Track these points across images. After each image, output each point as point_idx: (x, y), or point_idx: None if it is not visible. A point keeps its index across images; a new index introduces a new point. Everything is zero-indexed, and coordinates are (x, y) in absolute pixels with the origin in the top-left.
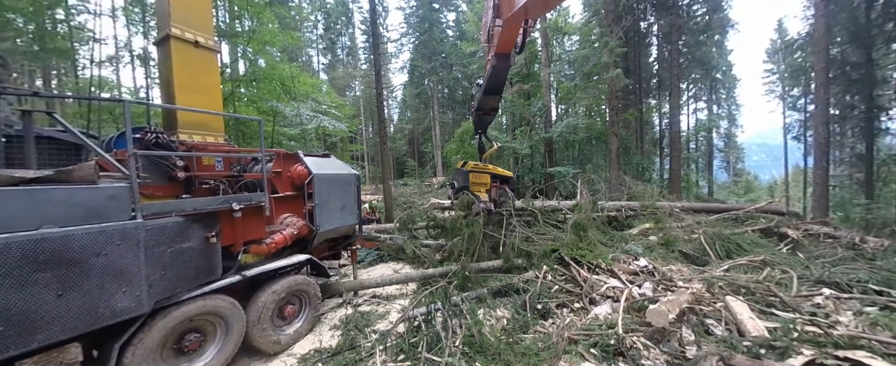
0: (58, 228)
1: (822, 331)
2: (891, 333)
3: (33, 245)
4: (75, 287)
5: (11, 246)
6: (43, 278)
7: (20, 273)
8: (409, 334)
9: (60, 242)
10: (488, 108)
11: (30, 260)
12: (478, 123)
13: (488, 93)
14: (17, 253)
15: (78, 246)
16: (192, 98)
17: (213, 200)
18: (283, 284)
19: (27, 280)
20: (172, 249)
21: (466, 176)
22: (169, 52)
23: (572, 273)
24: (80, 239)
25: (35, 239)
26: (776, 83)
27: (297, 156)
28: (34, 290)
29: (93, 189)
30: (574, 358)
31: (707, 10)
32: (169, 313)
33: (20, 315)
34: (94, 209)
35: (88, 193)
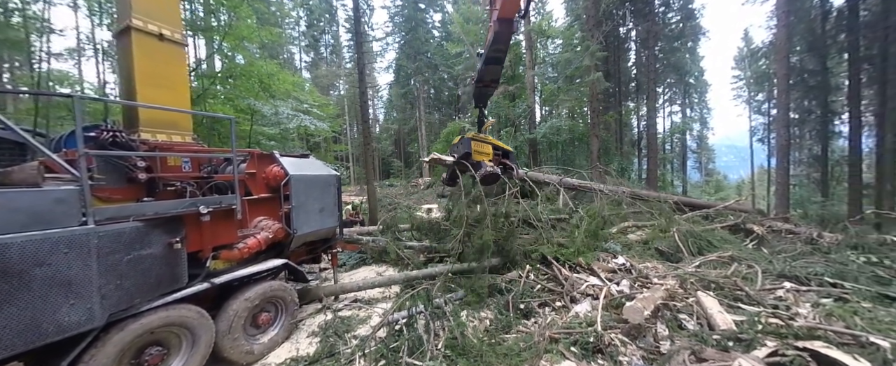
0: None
1: (783, 323)
2: (844, 323)
3: None
4: (13, 301)
5: None
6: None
7: None
8: (391, 338)
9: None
10: (489, 79)
11: None
12: (478, 95)
13: (489, 62)
14: None
15: (17, 255)
16: (156, 94)
17: (177, 204)
18: (256, 290)
19: None
20: (130, 257)
21: (469, 143)
22: (129, 44)
23: (554, 272)
24: (20, 248)
25: None
26: (743, 88)
27: (272, 156)
28: None
29: (36, 193)
30: (555, 357)
31: (681, 17)
32: (126, 326)
33: None
34: (38, 214)
35: (31, 197)
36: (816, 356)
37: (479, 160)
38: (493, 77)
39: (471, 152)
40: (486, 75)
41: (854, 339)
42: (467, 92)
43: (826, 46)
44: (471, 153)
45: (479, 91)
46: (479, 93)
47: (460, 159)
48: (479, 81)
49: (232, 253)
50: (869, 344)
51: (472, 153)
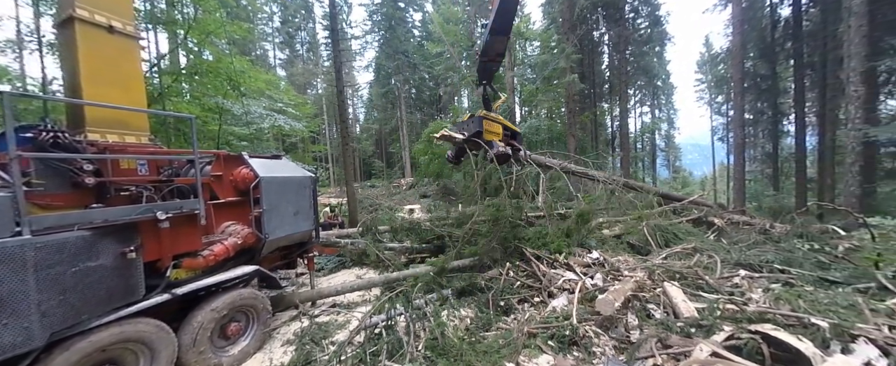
0: None
1: (738, 308)
2: (790, 306)
3: None
4: None
5: None
6: None
7: None
8: (370, 342)
9: None
10: (494, 52)
11: None
12: (482, 71)
13: (495, 33)
14: None
15: None
16: (106, 92)
17: (130, 210)
18: (224, 300)
19: None
20: (75, 270)
21: (480, 122)
22: (73, 36)
23: (533, 268)
24: None
25: None
26: (705, 91)
27: (240, 158)
28: None
29: None
30: (533, 351)
31: (649, 23)
32: (72, 345)
33: None
34: None
35: None
36: (767, 338)
37: (489, 139)
38: (498, 50)
39: (482, 131)
40: (491, 48)
41: (798, 320)
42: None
43: (775, 53)
44: (482, 132)
45: (483, 66)
46: (484, 67)
47: (471, 137)
48: (484, 55)
49: (196, 261)
50: (810, 325)
51: (484, 132)
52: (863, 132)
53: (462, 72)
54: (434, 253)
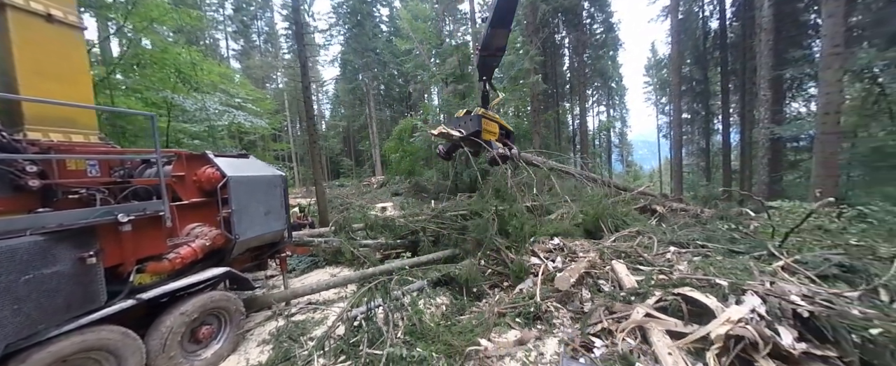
0: None
1: (667, 277)
2: (703, 272)
3: None
4: None
5: None
6: None
7: None
8: (350, 334)
9: None
10: (495, 47)
11: None
12: (482, 66)
13: (496, 26)
14: None
15: None
16: (47, 86)
17: (88, 213)
18: (194, 303)
19: None
20: (28, 278)
21: (479, 121)
22: (5, 25)
23: (502, 257)
24: None
25: None
26: (651, 92)
27: (204, 157)
28: None
29: None
30: (502, 328)
31: (603, 29)
32: (29, 356)
33: None
34: None
35: None
36: (685, 298)
37: (488, 139)
38: (499, 44)
39: (481, 130)
40: (492, 42)
41: (708, 282)
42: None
43: (707, 60)
44: (481, 131)
45: (483, 61)
46: (484, 63)
47: (470, 137)
48: (484, 50)
49: (161, 265)
50: (716, 284)
51: (483, 131)
52: (769, 130)
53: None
54: (408, 248)
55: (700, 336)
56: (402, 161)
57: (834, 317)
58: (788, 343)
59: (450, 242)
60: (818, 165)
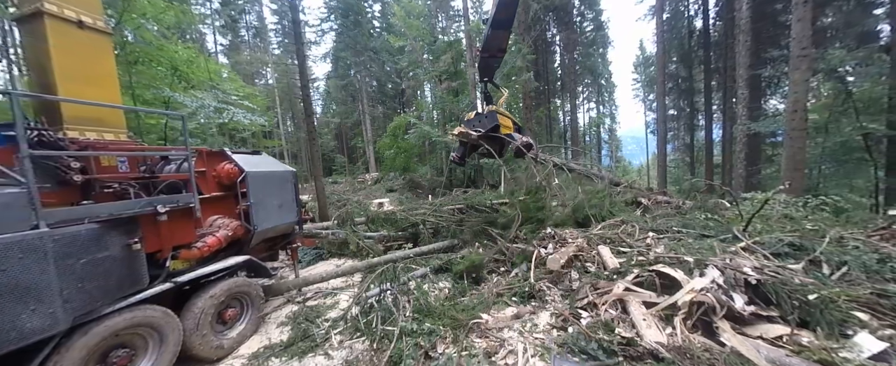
0: None
1: (645, 258)
2: (675, 252)
3: None
4: None
5: None
6: None
7: None
8: (363, 314)
9: None
10: (496, 48)
11: None
12: (484, 67)
13: (497, 26)
14: None
15: None
16: (80, 89)
17: (133, 204)
18: (221, 287)
19: None
20: (88, 260)
21: (495, 116)
22: (43, 32)
23: (499, 246)
24: None
25: None
26: (639, 89)
27: (223, 153)
28: None
29: None
30: (501, 305)
31: (593, 27)
32: (90, 329)
33: None
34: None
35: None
36: (659, 273)
37: (510, 133)
38: (500, 45)
39: (499, 125)
40: (493, 43)
41: (678, 260)
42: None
43: (691, 59)
44: (499, 126)
45: (484, 62)
46: (485, 64)
47: (489, 133)
48: (485, 51)
49: (191, 252)
50: (684, 261)
51: (500, 126)
52: (746, 127)
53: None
54: (409, 239)
55: (669, 304)
56: (396, 157)
57: (777, 284)
58: (740, 306)
59: (448, 233)
60: (787, 159)
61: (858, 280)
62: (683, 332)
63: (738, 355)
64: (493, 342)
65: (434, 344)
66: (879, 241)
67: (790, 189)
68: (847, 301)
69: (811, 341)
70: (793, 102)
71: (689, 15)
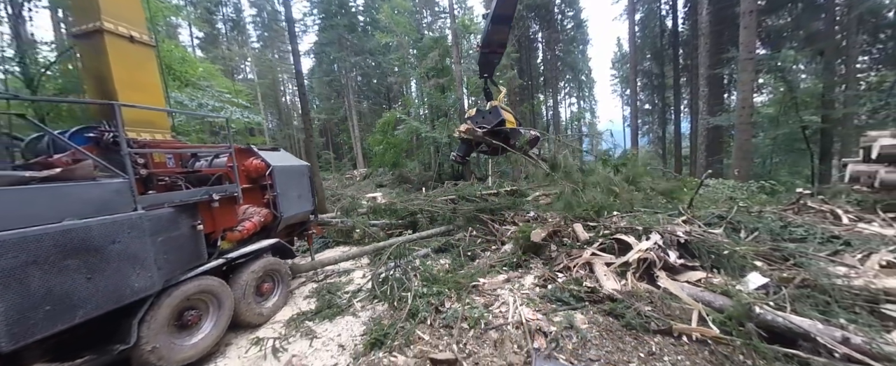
0: (79, 220)
1: (610, 230)
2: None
3: (61, 235)
4: (100, 271)
5: (45, 237)
6: (73, 264)
7: (55, 260)
8: (379, 285)
9: (82, 232)
10: (496, 43)
11: (60, 249)
12: (484, 63)
13: (497, 21)
14: (50, 243)
15: (97, 235)
16: (134, 96)
17: (196, 192)
18: (259, 264)
19: (61, 266)
20: (168, 237)
21: (499, 112)
22: (102, 47)
23: (490, 228)
24: (98, 229)
25: (62, 230)
26: (617, 85)
27: (251, 150)
28: (68, 274)
29: (100, 185)
30: (494, 274)
31: (573, 25)
32: (172, 292)
33: (62, 295)
34: (104, 203)
35: (97, 189)
36: (617, 240)
37: (513, 127)
38: (500, 40)
39: (505, 120)
40: (493, 38)
41: (632, 229)
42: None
43: (663, 57)
44: (505, 121)
45: (485, 58)
46: (485, 60)
47: (496, 128)
48: (485, 46)
49: (234, 235)
50: (635, 229)
51: (506, 121)
52: (706, 121)
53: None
54: (409, 227)
55: (623, 262)
56: (386, 153)
57: (699, 243)
58: (673, 260)
59: (444, 219)
60: (736, 149)
61: (764, 240)
62: (633, 281)
63: (669, 293)
64: (490, 298)
65: (442, 302)
66: (787, 212)
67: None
68: (751, 254)
69: (719, 281)
70: (741, 100)
71: (661, 15)
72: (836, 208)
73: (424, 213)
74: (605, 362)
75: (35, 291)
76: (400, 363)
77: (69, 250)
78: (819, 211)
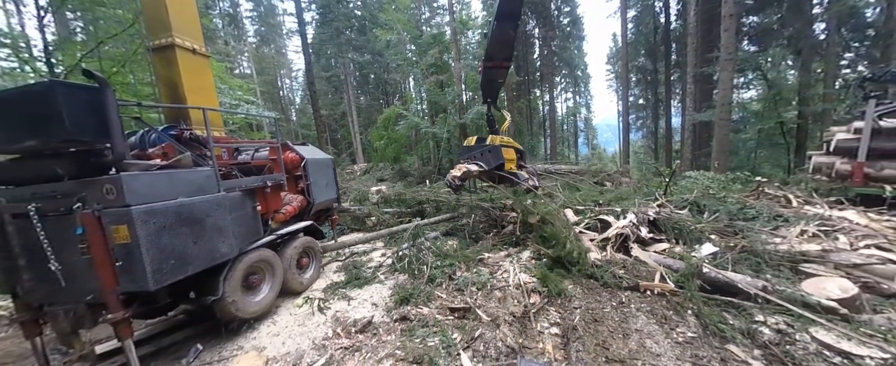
0: (187, 198)
1: (594, 213)
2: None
3: (177, 208)
4: (201, 237)
5: (169, 209)
6: (184, 231)
7: (174, 227)
8: (397, 261)
9: (190, 207)
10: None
11: (177, 219)
12: (487, 83)
13: (502, 18)
14: (172, 214)
15: (198, 210)
16: (197, 98)
17: (257, 179)
18: (299, 242)
19: (178, 232)
20: (239, 214)
21: (500, 153)
22: (174, 59)
23: (491, 214)
24: (199, 205)
25: (177, 204)
26: (613, 80)
27: (286, 145)
28: (183, 238)
29: (196, 172)
30: (495, 250)
31: (569, 21)
32: (242, 259)
33: (180, 253)
34: (200, 186)
35: (195, 175)
36: (600, 220)
37: (516, 171)
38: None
39: (504, 163)
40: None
41: (611, 211)
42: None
43: (656, 53)
44: (504, 163)
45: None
46: (489, 78)
47: (494, 171)
48: (488, 59)
49: (280, 216)
50: (614, 211)
51: (505, 162)
52: (692, 116)
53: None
54: (417, 214)
55: (603, 237)
56: (387, 148)
57: (665, 220)
58: (644, 234)
59: (449, 208)
60: (716, 143)
61: (722, 219)
62: (611, 252)
63: (639, 260)
64: (494, 268)
65: (454, 271)
66: (747, 198)
67: (719, 168)
68: (708, 229)
69: (679, 250)
70: (721, 98)
71: (654, 12)
72: (788, 194)
73: (430, 202)
74: (585, 309)
75: (164, 247)
76: (425, 312)
77: (183, 220)
78: (774, 196)
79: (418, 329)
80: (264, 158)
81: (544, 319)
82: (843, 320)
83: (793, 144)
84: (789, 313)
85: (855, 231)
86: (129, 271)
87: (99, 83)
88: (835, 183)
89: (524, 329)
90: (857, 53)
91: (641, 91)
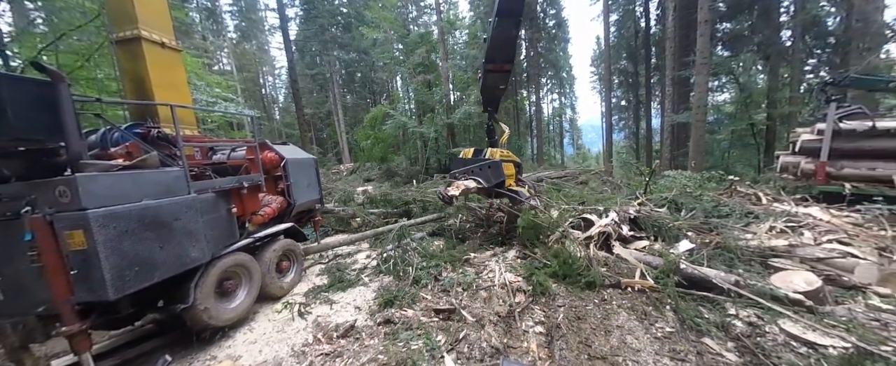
0: (153, 201)
1: (577, 212)
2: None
3: (141, 211)
4: (169, 241)
5: (132, 213)
6: (150, 236)
7: (137, 231)
8: (382, 263)
9: (156, 210)
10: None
11: (141, 223)
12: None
13: (503, 14)
14: (135, 217)
15: (166, 213)
16: (166, 95)
17: (230, 180)
18: (279, 244)
19: (143, 237)
20: (212, 217)
21: (500, 170)
22: (141, 52)
23: (477, 214)
24: (167, 208)
25: (142, 207)
26: (596, 82)
27: (266, 144)
28: (146, 243)
29: (164, 172)
30: (481, 251)
31: (555, 23)
32: (216, 263)
33: (145, 259)
34: (168, 187)
35: (162, 176)
36: (584, 218)
37: (516, 189)
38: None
39: (505, 180)
40: (500, 42)
41: (594, 209)
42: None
43: (637, 56)
44: (505, 181)
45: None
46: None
47: (494, 189)
48: (489, 61)
49: (258, 218)
50: (596, 210)
51: (505, 179)
52: (670, 118)
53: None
54: (403, 215)
55: (586, 235)
56: (374, 148)
57: (645, 218)
58: (625, 231)
59: (435, 208)
60: (692, 144)
61: (697, 217)
62: (594, 250)
63: (620, 257)
64: (479, 268)
65: (440, 272)
66: (721, 196)
67: (695, 167)
68: (685, 227)
69: (658, 247)
70: (697, 100)
71: (635, 16)
72: (758, 192)
73: (417, 202)
74: (569, 307)
75: (126, 253)
76: (409, 315)
77: (148, 224)
78: (746, 194)
79: (402, 332)
80: (241, 158)
81: (529, 317)
82: (808, 312)
83: (762, 145)
84: (760, 307)
85: (818, 227)
86: (85, 280)
87: (52, 77)
88: (800, 181)
89: (509, 329)
90: (820, 59)
91: (623, 93)
